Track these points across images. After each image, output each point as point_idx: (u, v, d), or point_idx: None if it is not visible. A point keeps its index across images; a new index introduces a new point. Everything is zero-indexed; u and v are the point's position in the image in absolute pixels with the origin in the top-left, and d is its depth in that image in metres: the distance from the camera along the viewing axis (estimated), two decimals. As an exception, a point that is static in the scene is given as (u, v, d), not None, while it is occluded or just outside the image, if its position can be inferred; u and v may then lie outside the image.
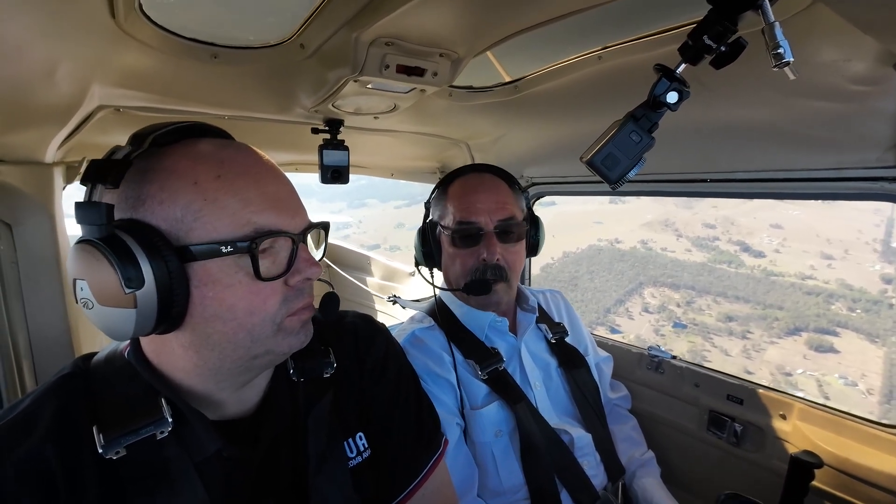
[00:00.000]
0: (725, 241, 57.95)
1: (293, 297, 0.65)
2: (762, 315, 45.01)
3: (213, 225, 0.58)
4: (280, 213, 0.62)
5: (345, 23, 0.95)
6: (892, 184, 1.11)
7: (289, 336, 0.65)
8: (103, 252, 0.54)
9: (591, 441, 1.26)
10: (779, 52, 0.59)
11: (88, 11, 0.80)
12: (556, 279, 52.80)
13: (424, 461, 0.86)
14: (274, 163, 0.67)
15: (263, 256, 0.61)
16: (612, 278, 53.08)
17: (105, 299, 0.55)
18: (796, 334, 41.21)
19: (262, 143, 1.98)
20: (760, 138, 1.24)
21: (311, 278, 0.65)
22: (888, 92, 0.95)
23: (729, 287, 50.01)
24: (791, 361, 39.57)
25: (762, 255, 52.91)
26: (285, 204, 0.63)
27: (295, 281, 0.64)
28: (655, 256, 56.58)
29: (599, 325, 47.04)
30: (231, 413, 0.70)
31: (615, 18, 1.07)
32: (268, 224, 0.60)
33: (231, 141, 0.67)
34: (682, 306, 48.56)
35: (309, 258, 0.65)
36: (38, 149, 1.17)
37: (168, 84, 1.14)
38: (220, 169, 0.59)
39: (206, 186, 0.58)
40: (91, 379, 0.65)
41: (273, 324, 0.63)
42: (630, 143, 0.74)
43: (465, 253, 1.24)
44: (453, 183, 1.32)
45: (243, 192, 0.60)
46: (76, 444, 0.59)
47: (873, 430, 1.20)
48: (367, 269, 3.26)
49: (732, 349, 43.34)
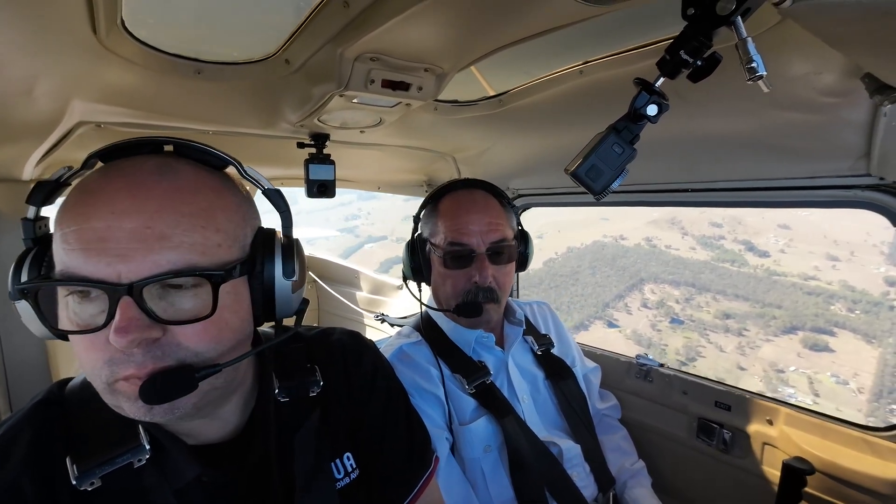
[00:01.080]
0: (731, 241, 58.55)
1: (119, 360, 0.52)
2: (760, 313, 45.44)
3: (54, 257, 0.54)
4: (88, 257, 0.50)
5: (330, 38, 0.96)
6: (865, 191, 1.15)
7: (123, 400, 0.53)
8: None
9: (580, 452, 1.26)
10: (752, 66, 0.62)
11: (69, 27, 0.79)
12: (558, 273, 52.96)
13: (416, 479, 0.85)
14: (159, 190, 0.53)
15: (86, 302, 0.52)
16: (613, 274, 53.42)
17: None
18: (792, 333, 41.67)
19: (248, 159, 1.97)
20: (738, 148, 1.28)
21: (115, 344, 0.50)
22: (857, 103, 0.98)
23: (729, 285, 50.51)
24: (784, 359, 39.83)
25: (766, 255, 53.48)
26: (103, 246, 0.50)
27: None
28: (659, 254, 57.04)
29: (597, 319, 46.94)
30: (209, 438, 0.67)
31: (596, 34, 1.10)
32: (72, 268, 0.51)
33: (134, 159, 0.57)
34: (681, 303, 48.99)
35: (120, 321, 0.50)
36: (16, 165, 1.15)
37: (151, 100, 1.13)
38: (77, 196, 0.53)
39: (59, 215, 0.54)
40: (66, 406, 0.63)
41: (101, 381, 0.53)
42: (613, 155, 0.75)
43: (456, 274, 1.23)
44: (444, 199, 1.30)
45: (66, 226, 0.52)
46: (51, 476, 0.56)
47: (859, 434, 1.22)
48: (355, 283, 3.23)
49: (727, 346, 43.56)
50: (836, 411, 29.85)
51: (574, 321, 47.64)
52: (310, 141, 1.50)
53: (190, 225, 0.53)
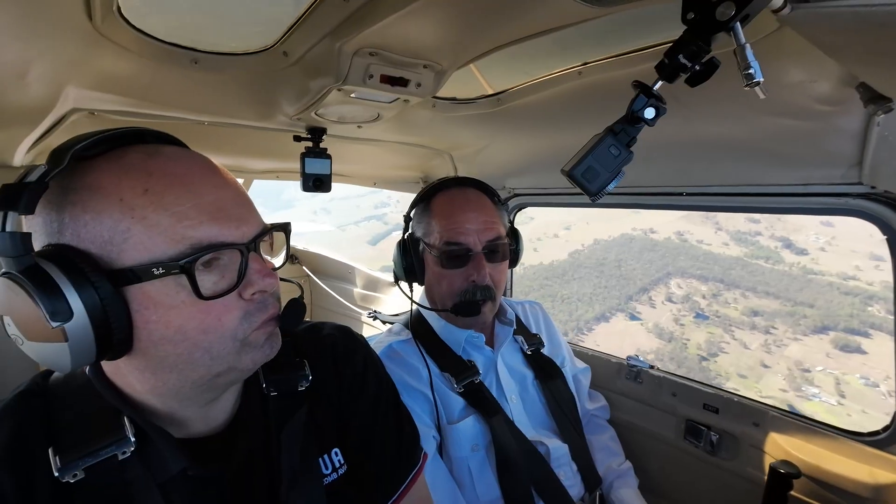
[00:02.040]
0: (768, 237, 57.38)
1: (255, 310, 0.61)
2: (790, 312, 44.48)
3: (145, 245, 0.53)
4: (221, 224, 0.57)
5: (329, 32, 0.96)
6: (856, 199, 1.16)
7: (253, 350, 0.62)
8: (22, 285, 0.49)
9: (567, 452, 1.27)
10: (750, 72, 0.62)
11: (64, 13, 0.78)
12: (583, 265, 52.62)
13: (403, 475, 0.85)
14: (218, 167, 0.62)
15: (208, 272, 0.56)
16: (639, 267, 52.82)
17: (33, 335, 0.52)
18: (823, 333, 40.70)
19: (243, 151, 1.95)
20: (733, 154, 1.29)
21: (266, 290, 0.61)
22: (851, 112, 0.99)
23: (760, 282, 49.56)
24: (811, 359, 38.76)
25: (804, 253, 52.04)
26: (227, 213, 0.58)
27: (250, 294, 0.60)
28: (689, 248, 56.19)
29: (619, 311, 46.41)
30: (198, 431, 0.67)
31: (595, 36, 1.10)
32: (206, 238, 0.55)
33: (165, 147, 0.60)
34: (708, 298, 48.21)
35: (261, 269, 0.60)
36: (6, 151, 1.14)
37: (146, 88, 1.11)
38: (148, 181, 0.54)
39: (133, 203, 0.53)
40: (49, 397, 0.62)
41: (235, 340, 0.59)
42: (609, 157, 0.75)
43: (452, 273, 1.23)
44: (436, 198, 1.29)
45: (176, 206, 0.54)
46: (31, 468, 0.56)
47: (843, 439, 1.24)
48: (349, 278, 3.22)
49: (752, 343, 42.50)
50: (862, 413, 28.49)
51: (595, 312, 47.12)
52: (306, 134, 1.49)
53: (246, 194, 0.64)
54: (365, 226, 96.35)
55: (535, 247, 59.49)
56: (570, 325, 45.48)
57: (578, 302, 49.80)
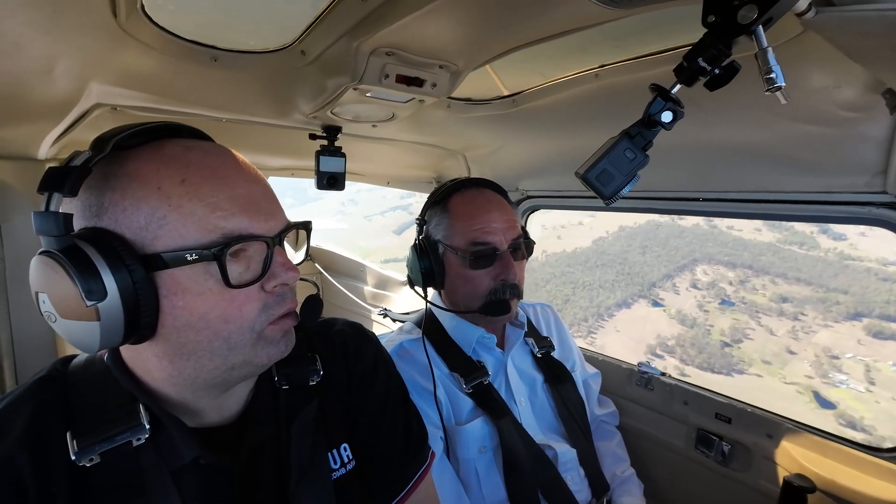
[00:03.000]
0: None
1: (273, 303, 0.63)
2: (822, 298, 42.86)
3: (179, 232, 0.55)
4: (251, 217, 0.59)
5: (346, 31, 0.96)
6: (880, 209, 1.13)
7: (268, 346, 0.63)
8: (62, 264, 0.52)
9: (575, 456, 1.26)
10: (771, 76, 0.61)
11: (90, 10, 0.80)
12: (606, 252, 51.65)
13: (411, 473, 0.85)
14: (248, 163, 0.64)
15: (235, 262, 0.59)
16: (664, 253, 51.69)
17: (67, 312, 0.54)
18: (856, 319, 39.15)
19: (259, 147, 1.97)
20: (752, 160, 1.26)
21: (289, 283, 0.63)
22: (876, 119, 0.97)
23: (792, 268, 48.00)
24: (842, 345, 37.12)
25: (842, 238, 49.92)
26: (257, 206, 0.61)
27: (271, 287, 0.62)
28: (718, 234, 54.70)
29: (641, 298, 45.49)
30: (211, 421, 0.68)
31: (613, 38, 1.09)
32: (237, 229, 0.58)
33: (200, 141, 0.63)
34: (735, 285, 46.71)
35: (285, 262, 0.63)
36: (32, 145, 1.17)
37: (167, 85, 1.14)
38: (186, 172, 0.57)
39: (171, 192, 0.56)
40: (68, 383, 0.64)
41: (252, 332, 0.61)
42: (624, 160, 0.75)
43: (479, 274, 1.22)
44: (453, 199, 1.27)
45: (210, 197, 0.57)
46: (48, 451, 0.57)
47: (859, 454, 1.21)
48: (360, 276, 3.24)
49: (779, 329, 40.96)
50: (892, 401, 25.39)
51: (616, 298, 46.25)
52: (322, 133, 1.51)
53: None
54: (390, 216, 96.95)
55: (559, 234, 58.31)
56: (591, 310, 44.69)
57: (600, 288, 48.71)
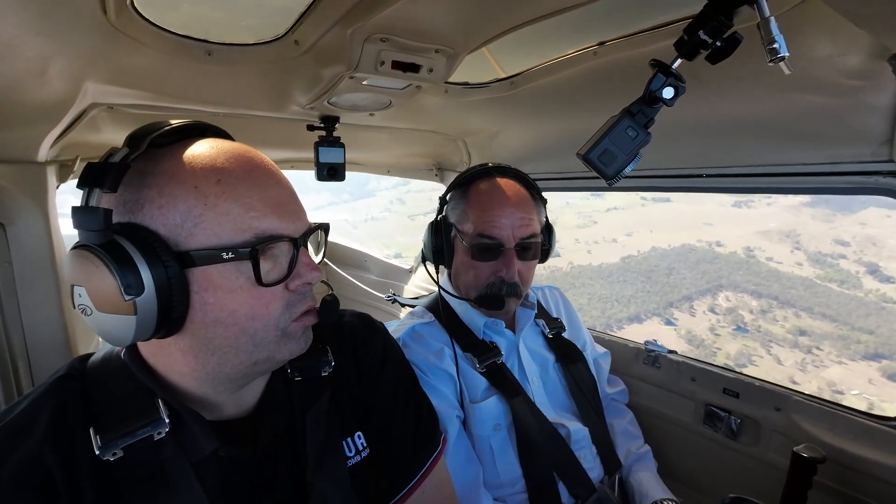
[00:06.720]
0: (852, 261, 54.23)
1: (296, 301, 0.65)
2: (843, 335, 42.33)
3: (214, 230, 0.57)
4: (281, 218, 0.61)
5: (339, 19, 0.95)
6: (887, 178, 1.11)
7: (290, 342, 0.66)
8: (102, 258, 0.53)
9: (587, 435, 1.27)
10: (774, 46, 0.60)
11: (80, 9, 0.79)
12: (633, 270, 51.89)
13: (423, 459, 0.86)
14: (273, 164, 0.66)
15: (264, 261, 0.60)
16: (690, 276, 51.67)
17: (104, 306, 0.55)
18: (874, 360, 38.52)
19: (257, 141, 1.97)
20: (756, 133, 1.25)
21: (312, 282, 0.65)
22: (882, 86, 0.95)
23: (820, 304, 47.54)
24: (850, 382, 36.55)
25: (890, 281, 49.30)
26: (286, 208, 0.63)
27: (295, 285, 0.64)
28: (753, 264, 54.57)
29: (655, 315, 45.66)
30: (228, 414, 0.70)
31: (611, 14, 1.07)
32: (269, 229, 0.60)
33: (230, 142, 0.65)
34: (755, 314, 46.64)
35: (310, 262, 0.65)
36: (31, 147, 1.16)
37: (162, 81, 1.13)
38: (221, 173, 0.58)
39: (207, 191, 0.57)
40: (87, 380, 0.65)
41: (277, 329, 0.63)
42: (626, 139, 0.74)
43: (480, 265, 1.22)
44: (474, 185, 1.26)
45: (245, 197, 0.59)
46: (73, 446, 0.58)
47: (868, 423, 1.21)
48: (365, 266, 3.25)
49: (788, 359, 40.50)
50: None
51: (629, 312, 46.37)
52: (320, 123, 1.50)
53: None
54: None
55: (590, 248, 58.31)
56: (600, 320, 44.93)
57: (615, 302, 48.70)
